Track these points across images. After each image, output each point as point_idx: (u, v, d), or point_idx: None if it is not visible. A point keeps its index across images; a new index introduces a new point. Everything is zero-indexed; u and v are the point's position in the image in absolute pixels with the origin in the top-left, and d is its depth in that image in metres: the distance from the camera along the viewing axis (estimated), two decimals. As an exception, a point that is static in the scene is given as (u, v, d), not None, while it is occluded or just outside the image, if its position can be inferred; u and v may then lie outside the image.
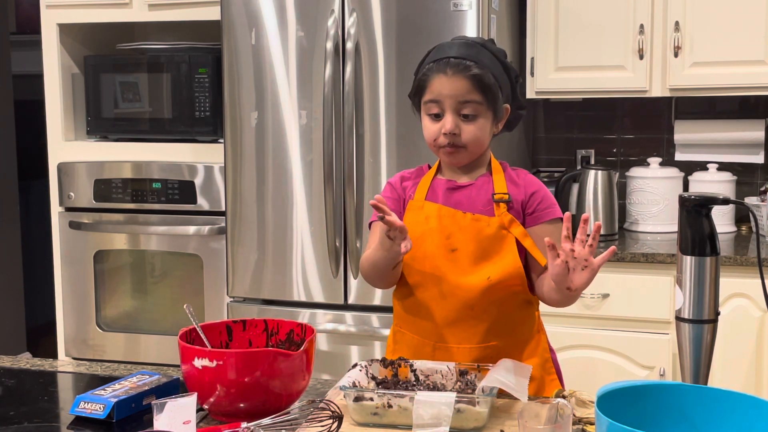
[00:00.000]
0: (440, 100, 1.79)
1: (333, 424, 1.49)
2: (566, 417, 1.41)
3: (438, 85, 1.79)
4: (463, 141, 1.80)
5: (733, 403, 1.31)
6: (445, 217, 1.83)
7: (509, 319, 1.84)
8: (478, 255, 1.81)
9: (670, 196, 3.32)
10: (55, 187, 3.53)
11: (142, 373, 1.81)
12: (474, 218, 1.82)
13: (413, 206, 1.88)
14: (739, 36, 3.11)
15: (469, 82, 1.77)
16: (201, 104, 3.36)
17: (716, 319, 1.65)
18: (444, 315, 1.83)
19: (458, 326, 1.83)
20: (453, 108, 1.79)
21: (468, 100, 1.78)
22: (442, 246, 1.82)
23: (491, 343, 1.82)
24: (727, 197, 1.65)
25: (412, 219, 1.87)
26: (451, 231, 1.82)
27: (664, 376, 2.96)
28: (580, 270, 1.64)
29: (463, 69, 1.77)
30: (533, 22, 3.31)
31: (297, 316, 3.10)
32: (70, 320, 3.55)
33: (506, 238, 1.81)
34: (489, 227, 1.81)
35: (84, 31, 3.63)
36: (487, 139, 1.84)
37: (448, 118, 1.79)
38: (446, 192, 1.87)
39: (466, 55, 1.79)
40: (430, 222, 1.84)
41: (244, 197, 3.15)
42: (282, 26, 3.04)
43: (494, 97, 1.80)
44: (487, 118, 1.81)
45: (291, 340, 1.75)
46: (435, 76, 1.79)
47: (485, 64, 1.79)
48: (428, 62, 1.83)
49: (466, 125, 1.79)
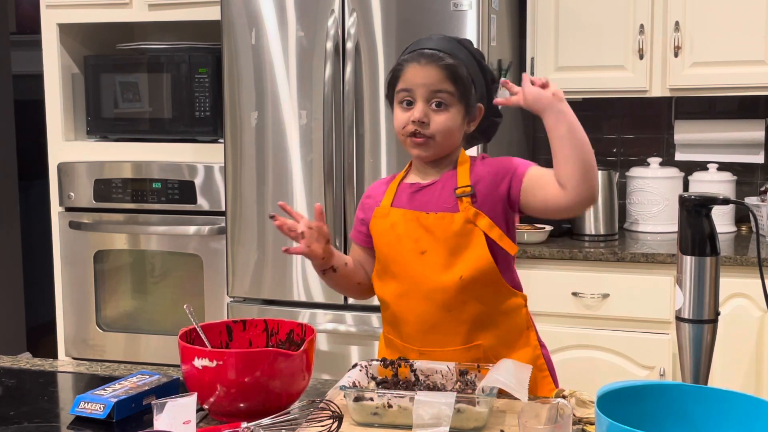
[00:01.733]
0: (412, 89, 1.79)
1: (333, 424, 1.49)
2: (566, 417, 1.41)
3: (411, 73, 1.79)
4: (431, 130, 1.79)
5: (733, 403, 1.31)
6: (411, 221, 1.82)
7: (491, 317, 1.82)
8: (448, 254, 1.79)
9: (670, 196, 3.32)
10: (55, 187, 3.53)
11: (142, 373, 1.81)
12: (438, 217, 1.80)
13: (379, 213, 1.87)
14: (739, 36, 3.11)
15: (441, 72, 1.77)
16: (201, 104, 3.36)
17: (716, 319, 1.64)
18: (423, 320, 1.82)
19: (439, 329, 1.81)
20: (424, 97, 1.78)
21: (440, 89, 1.77)
22: (412, 250, 1.81)
23: (476, 343, 1.81)
24: (727, 197, 1.65)
25: (380, 227, 1.87)
26: (418, 234, 1.81)
27: (664, 376, 2.96)
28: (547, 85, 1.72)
29: (437, 59, 1.78)
30: (533, 22, 3.31)
31: (297, 316, 3.10)
32: (70, 320, 3.55)
33: (473, 232, 1.78)
34: (454, 224, 1.79)
35: (84, 31, 3.63)
36: (457, 133, 1.82)
37: (418, 106, 1.78)
38: (410, 195, 1.86)
39: (441, 48, 1.80)
40: (397, 228, 1.83)
41: (244, 197, 3.15)
42: (282, 26, 3.04)
43: (466, 90, 1.79)
44: (458, 110, 1.80)
45: (291, 340, 1.75)
46: (408, 66, 1.80)
47: (460, 58, 1.80)
48: (403, 55, 1.85)
49: (436, 115, 1.78)
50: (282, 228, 1.84)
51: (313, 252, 1.82)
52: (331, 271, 1.89)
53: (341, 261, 1.91)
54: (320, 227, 1.84)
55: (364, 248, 1.95)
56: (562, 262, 3.05)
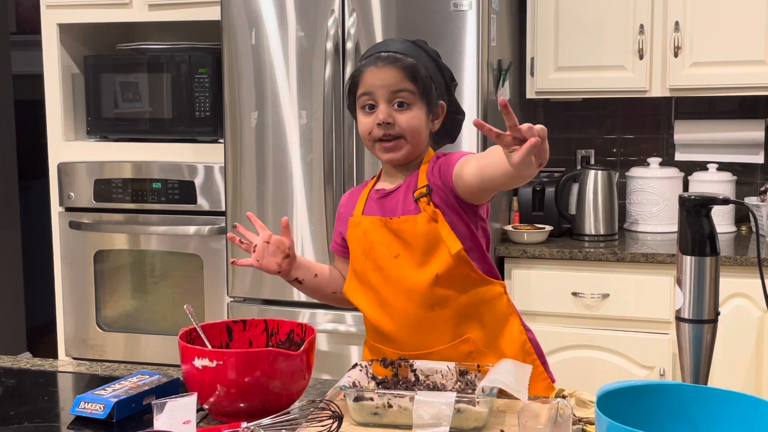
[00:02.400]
0: (372, 92, 1.79)
1: (333, 424, 1.49)
2: (566, 417, 1.41)
3: (369, 77, 1.80)
4: (398, 130, 1.79)
5: (733, 403, 1.31)
6: (380, 228, 1.83)
7: (474, 309, 1.83)
8: (420, 254, 1.80)
9: (670, 196, 3.32)
10: (55, 187, 3.53)
11: (142, 373, 1.81)
12: (401, 221, 1.81)
13: (352, 223, 1.89)
14: (739, 36, 3.11)
15: (400, 72, 1.78)
16: (201, 104, 3.36)
17: (716, 319, 1.65)
18: (408, 322, 1.82)
19: (424, 330, 1.82)
20: (385, 98, 1.79)
21: (400, 89, 1.78)
22: (385, 255, 1.82)
23: (464, 337, 1.82)
24: (727, 197, 1.65)
25: (353, 236, 1.88)
26: (389, 239, 1.82)
27: (664, 376, 2.96)
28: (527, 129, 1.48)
29: (394, 60, 1.79)
30: (533, 22, 3.31)
31: (297, 316, 3.10)
32: (70, 320, 3.56)
33: (438, 229, 1.79)
34: (418, 225, 1.79)
35: (84, 31, 3.63)
36: (424, 131, 1.82)
37: (381, 108, 1.79)
38: (377, 201, 1.87)
39: (397, 50, 1.81)
40: (369, 235, 1.84)
41: (244, 197, 3.15)
42: (282, 26, 3.04)
43: (426, 87, 1.80)
44: (421, 108, 1.80)
45: (291, 340, 1.75)
46: (366, 70, 1.81)
47: (416, 57, 1.81)
48: (360, 61, 1.86)
49: (399, 114, 1.79)
50: (233, 240, 1.88)
51: (264, 266, 1.85)
52: (297, 283, 1.93)
53: (309, 273, 1.93)
54: (279, 241, 1.85)
55: (344, 258, 1.97)
56: (562, 262, 3.05)
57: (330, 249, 2.01)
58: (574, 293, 3.03)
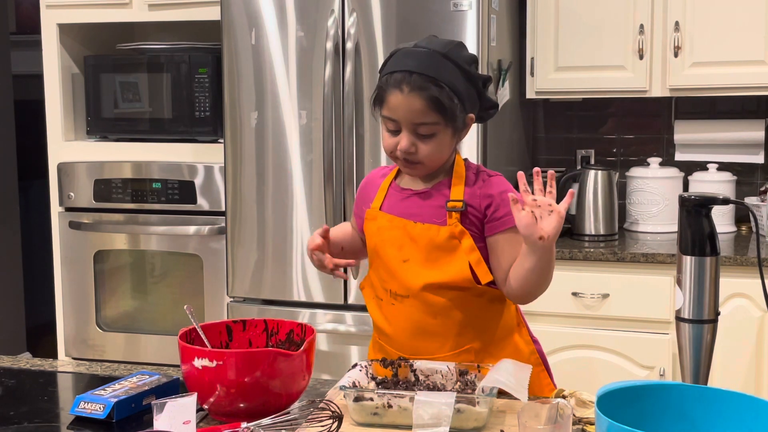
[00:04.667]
0: (396, 119, 1.75)
1: (333, 424, 1.49)
2: (566, 417, 1.41)
3: (394, 102, 1.73)
4: (419, 158, 1.76)
5: (733, 403, 1.31)
6: (397, 228, 1.81)
7: (478, 321, 1.81)
8: (429, 263, 1.78)
9: (670, 196, 3.32)
10: (55, 187, 3.53)
11: (142, 373, 1.81)
12: (424, 228, 1.79)
13: (369, 215, 1.87)
14: (739, 36, 3.11)
15: (425, 102, 1.71)
16: (201, 104, 3.36)
17: (716, 319, 1.65)
18: (410, 327, 1.81)
19: (425, 336, 1.81)
20: (409, 127, 1.74)
21: (424, 122, 1.73)
22: (395, 257, 1.81)
23: (466, 347, 1.80)
24: (727, 197, 1.65)
25: (368, 229, 1.87)
26: (403, 242, 1.80)
27: (664, 376, 2.96)
28: (547, 215, 1.62)
29: (420, 88, 1.70)
30: (533, 22, 3.31)
31: (297, 316, 3.10)
32: (70, 320, 3.55)
33: (457, 248, 1.77)
34: (438, 236, 1.77)
35: (84, 31, 3.63)
36: (446, 152, 1.79)
37: (404, 137, 1.74)
38: (400, 201, 1.84)
39: (424, 70, 1.71)
40: (383, 233, 1.83)
41: (244, 197, 3.15)
42: (282, 26, 3.04)
43: (452, 115, 1.74)
44: (445, 134, 1.75)
45: (291, 340, 1.75)
46: (392, 92, 1.73)
47: (445, 80, 1.71)
48: (387, 71, 1.77)
49: (422, 144, 1.75)
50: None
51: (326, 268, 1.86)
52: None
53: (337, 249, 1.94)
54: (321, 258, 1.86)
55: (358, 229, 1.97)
56: (562, 262, 3.05)
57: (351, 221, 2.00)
58: (574, 293, 3.03)
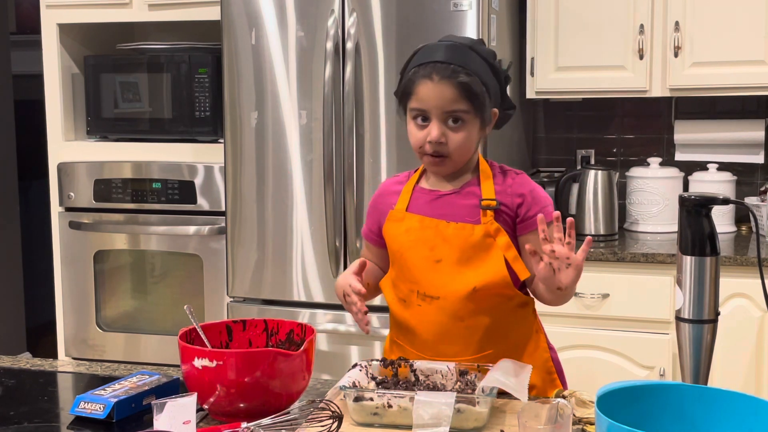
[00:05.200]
0: (426, 108, 1.74)
1: (333, 424, 1.49)
2: (566, 417, 1.41)
3: (424, 91, 1.73)
4: (449, 149, 1.75)
5: (733, 403, 1.31)
6: (428, 228, 1.80)
7: (503, 326, 1.81)
8: (463, 264, 1.77)
9: (670, 196, 3.32)
10: (55, 187, 3.53)
11: (142, 373, 1.81)
12: (458, 227, 1.78)
13: (393, 217, 1.85)
14: (739, 36, 3.11)
15: (456, 90, 1.71)
16: (201, 104, 3.36)
17: (716, 319, 1.65)
18: (434, 329, 1.80)
19: (450, 339, 1.80)
20: (439, 116, 1.74)
21: (455, 109, 1.73)
22: (426, 258, 1.79)
23: (487, 352, 1.80)
24: (727, 197, 1.65)
25: (393, 231, 1.84)
26: (435, 242, 1.79)
27: (664, 376, 2.96)
28: (565, 268, 1.63)
29: (450, 75, 1.71)
30: (533, 22, 3.31)
31: (297, 316, 3.10)
32: (70, 320, 3.55)
33: (492, 246, 1.77)
34: (473, 235, 1.77)
35: (84, 31, 3.63)
36: (472, 147, 1.79)
37: (435, 126, 1.74)
38: (429, 202, 1.83)
39: (453, 60, 1.73)
40: (411, 234, 1.81)
41: (244, 197, 3.15)
42: (282, 26, 3.04)
43: (482, 104, 1.74)
44: (474, 125, 1.76)
45: (291, 340, 1.75)
46: (421, 82, 1.73)
47: (473, 70, 1.73)
48: (414, 65, 1.77)
49: (452, 133, 1.74)
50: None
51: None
52: None
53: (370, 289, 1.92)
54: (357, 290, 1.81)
55: (375, 247, 1.94)
56: (562, 262, 3.05)
57: (362, 234, 1.97)
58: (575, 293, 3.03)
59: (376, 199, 1.94)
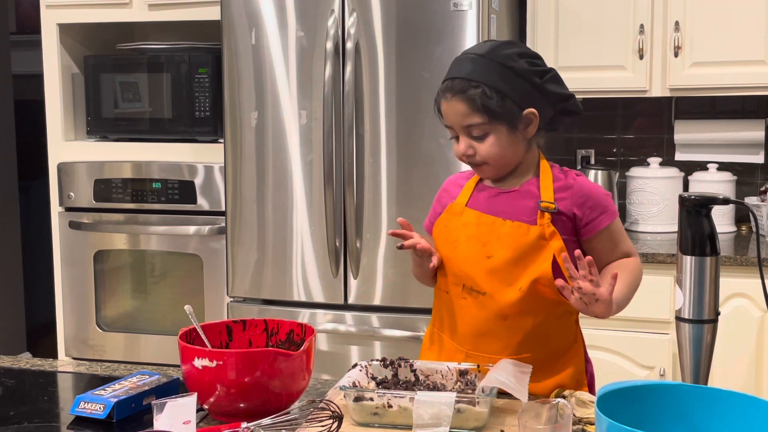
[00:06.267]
0: (450, 126, 1.81)
1: (333, 424, 1.49)
2: (566, 417, 1.41)
3: (444, 110, 1.80)
4: (480, 159, 1.79)
5: (733, 403, 1.31)
6: (484, 225, 1.81)
7: (544, 331, 1.81)
8: (513, 263, 1.77)
9: (670, 196, 3.32)
10: (55, 187, 3.53)
11: (142, 373, 1.81)
12: (513, 226, 1.79)
13: (452, 210, 1.87)
14: (739, 36, 3.11)
15: (465, 105, 1.75)
16: (201, 104, 3.36)
17: (716, 319, 1.64)
18: (477, 325, 1.81)
19: (491, 337, 1.80)
20: (461, 131, 1.79)
21: (470, 124, 1.76)
22: (478, 253, 1.80)
23: (524, 355, 1.79)
24: (727, 197, 1.65)
25: (450, 223, 1.86)
26: (488, 239, 1.80)
27: (664, 376, 2.96)
28: (594, 302, 1.64)
29: (459, 91, 1.75)
30: (533, 22, 3.31)
31: (297, 316, 3.10)
32: (70, 320, 3.55)
33: (544, 248, 1.77)
34: (527, 236, 1.77)
35: (84, 31, 3.63)
36: (510, 150, 1.79)
37: (461, 141, 1.80)
38: (489, 199, 1.84)
39: (460, 74, 1.76)
40: (468, 229, 1.82)
41: (244, 197, 3.15)
42: (282, 26, 3.04)
43: (497, 113, 1.75)
44: (499, 131, 1.77)
45: (291, 340, 1.75)
46: (441, 101, 1.80)
47: (483, 79, 1.74)
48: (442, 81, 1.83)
49: (478, 144, 1.78)
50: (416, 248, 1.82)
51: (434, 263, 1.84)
52: None
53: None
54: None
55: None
56: (562, 262, 3.05)
57: (424, 226, 1.97)
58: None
59: (441, 192, 1.96)
